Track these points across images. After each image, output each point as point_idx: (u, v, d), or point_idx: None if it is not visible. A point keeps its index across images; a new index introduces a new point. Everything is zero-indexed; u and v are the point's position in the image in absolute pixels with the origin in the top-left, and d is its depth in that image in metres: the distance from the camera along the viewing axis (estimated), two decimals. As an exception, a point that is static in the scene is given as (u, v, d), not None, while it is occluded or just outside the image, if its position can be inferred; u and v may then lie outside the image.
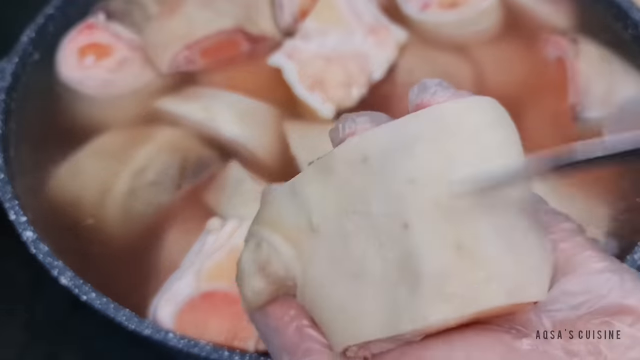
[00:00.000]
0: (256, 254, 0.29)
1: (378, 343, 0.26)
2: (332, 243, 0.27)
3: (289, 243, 0.28)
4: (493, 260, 0.25)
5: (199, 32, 0.62)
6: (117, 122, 0.60)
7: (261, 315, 0.30)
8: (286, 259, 0.28)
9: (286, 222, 0.28)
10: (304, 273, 0.28)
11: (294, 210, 0.28)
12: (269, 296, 0.29)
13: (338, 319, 0.27)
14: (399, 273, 0.25)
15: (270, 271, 0.28)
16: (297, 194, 0.28)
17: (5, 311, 0.59)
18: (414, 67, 0.63)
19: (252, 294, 0.29)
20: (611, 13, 0.65)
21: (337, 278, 0.27)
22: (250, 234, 0.30)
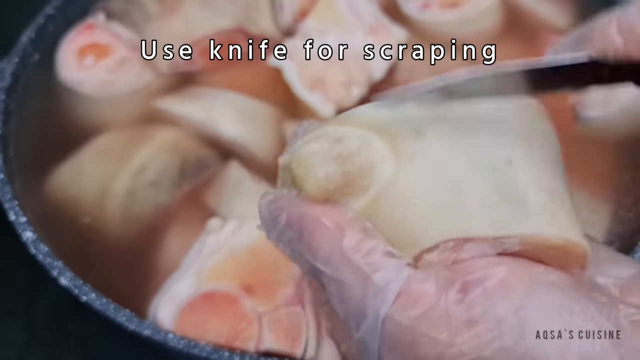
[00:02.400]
0: (335, 146, 0.29)
1: (476, 248, 0.27)
2: (436, 155, 0.28)
3: (385, 143, 0.29)
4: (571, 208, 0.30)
5: (199, 32, 0.62)
6: (116, 123, 0.60)
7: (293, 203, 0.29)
8: (380, 155, 0.28)
9: (385, 125, 0.29)
10: (395, 174, 0.28)
11: (395, 120, 0.29)
12: (335, 187, 0.29)
13: (433, 219, 0.27)
14: (501, 195, 0.28)
15: (355, 160, 0.28)
16: (398, 109, 0.30)
17: (5, 311, 0.59)
18: (414, 67, 0.63)
19: (325, 176, 0.29)
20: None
21: (436, 184, 0.28)
22: (320, 133, 0.30)
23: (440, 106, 0.30)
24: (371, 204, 0.28)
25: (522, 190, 0.28)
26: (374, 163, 0.28)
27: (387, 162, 0.28)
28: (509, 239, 0.27)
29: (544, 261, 0.28)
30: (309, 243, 0.28)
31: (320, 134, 0.30)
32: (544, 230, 0.27)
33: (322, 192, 0.29)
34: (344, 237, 0.27)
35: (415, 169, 0.28)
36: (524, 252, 0.28)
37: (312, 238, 0.28)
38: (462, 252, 0.27)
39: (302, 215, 0.29)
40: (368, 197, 0.28)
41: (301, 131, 0.32)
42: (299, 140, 0.31)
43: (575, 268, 0.28)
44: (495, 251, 0.27)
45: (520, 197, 0.28)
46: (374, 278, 0.26)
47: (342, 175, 0.29)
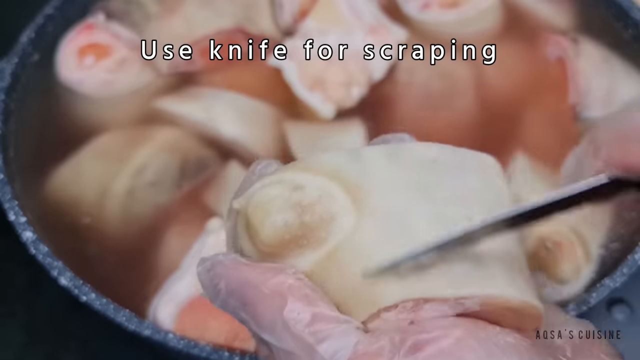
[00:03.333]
0: (296, 194, 0.28)
1: (436, 308, 0.27)
2: (398, 211, 0.28)
3: (346, 194, 0.28)
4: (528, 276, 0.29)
5: (199, 31, 0.62)
6: (116, 123, 0.60)
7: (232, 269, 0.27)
8: (340, 206, 0.28)
9: (345, 175, 0.28)
10: (355, 228, 0.27)
11: (356, 170, 0.29)
12: (291, 237, 0.27)
13: (393, 278, 0.27)
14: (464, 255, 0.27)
15: (315, 210, 0.27)
16: (360, 159, 0.29)
17: (4, 312, 0.59)
18: (414, 67, 0.63)
19: (283, 225, 0.27)
20: (612, 13, 0.65)
21: (397, 241, 0.27)
22: (279, 179, 0.29)
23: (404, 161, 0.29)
24: (327, 257, 0.27)
25: (482, 249, 0.28)
26: (334, 215, 0.27)
27: (348, 215, 0.27)
28: (470, 300, 0.27)
29: (500, 323, 0.27)
30: (251, 313, 0.27)
31: (279, 179, 0.29)
32: (505, 291, 0.27)
33: (278, 241, 0.28)
34: (285, 306, 0.26)
35: (376, 224, 0.27)
36: (481, 312, 0.27)
37: (254, 308, 0.27)
38: (421, 312, 0.26)
39: (242, 283, 0.27)
40: (325, 250, 0.27)
41: (259, 169, 0.31)
42: (256, 182, 0.30)
43: (530, 330, 0.28)
44: (455, 312, 0.26)
45: (480, 256, 0.28)
46: (320, 349, 0.25)
47: (301, 225, 0.27)
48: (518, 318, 0.28)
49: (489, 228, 0.28)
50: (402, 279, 0.26)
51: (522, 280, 0.28)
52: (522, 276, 0.29)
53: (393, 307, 0.26)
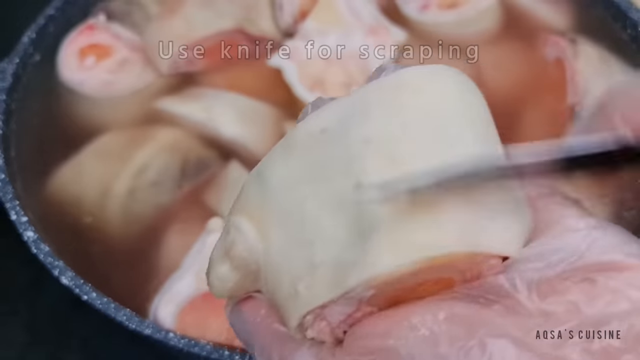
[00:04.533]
0: (224, 242, 0.28)
1: (334, 310, 0.25)
2: (291, 217, 0.26)
3: (251, 222, 0.27)
4: (448, 210, 0.23)
5: (199, 32, 0.62)
6: (117, 123, 0.60)
7: (237, 317, 0.29)
8: (249, 239, 0.27)
9: (251, 203, 0.28)
10: (265, 252, 0.27)
11: (258, 192, 0.27)
12: (235, 284, 0.28)
13: (292, 295, 0.25)
14: (351, 234, 0.24)
15: (234, 254, 0.27)
16: (261, 176, 0.27)
17: (6, 311, 0.59)
18: (413, 68, 0.63)
19: (218, 280, 0.28)
20: (610, 13, 0.65)
21: (294, 250, 0.25)
22: (224, 228, 0.29)
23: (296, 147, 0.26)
24: (265, 286, 0.27)
25: (371, 217, 0.23)
26: (249, 249, 0.27)
27: (258, 241, 0.27)
28: (353, 291, 0.24)
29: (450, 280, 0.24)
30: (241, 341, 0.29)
31: (223, 229, 0.29)
32: (382, 264, 0.23)
33: (227, 292, 0.28)
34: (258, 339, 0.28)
35: (278, 238, 0.26)
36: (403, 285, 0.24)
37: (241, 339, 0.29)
38: (328, 317, 0.25)
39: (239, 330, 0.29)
40: (262, 280, 0.27)
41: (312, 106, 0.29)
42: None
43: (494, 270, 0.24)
44: (355, 306, 0.25)
45: (368, 227, 0.23)
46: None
47: (233, 270, 0.28)
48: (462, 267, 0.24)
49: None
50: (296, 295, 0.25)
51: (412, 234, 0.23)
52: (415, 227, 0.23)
53: (303, 327, 0.26)
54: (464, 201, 0.23)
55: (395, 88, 0.25)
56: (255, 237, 0.27)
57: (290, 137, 0.27)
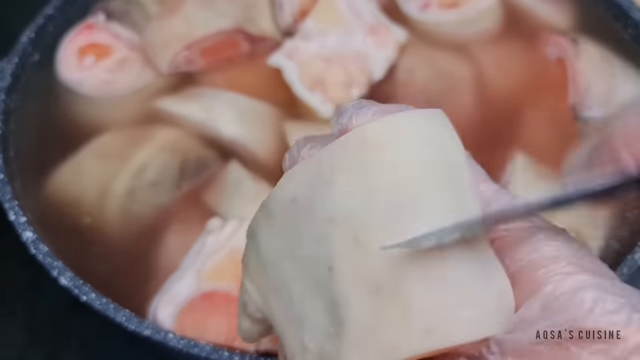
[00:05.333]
0: (241, 298, 0.31)
1: None
2: (281, 290, 0.26)
3: (253, 285, 0.29)
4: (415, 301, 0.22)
5: (199, 32, 0.62)
6: (116, 123, 0.60)
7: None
8: (257, 302, 0.29)
9: (250, 268, 0.29)
10: (270, 316, 0.29)
11: (255, 257, 0.28)
12: (259, 334, 0.31)
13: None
14: (329, 320, 0.24)
15: (248, 312, 0.30)
16: (254, 238, 0.28)
17: (5, 311, 0.59)
18: (414, 67, 0.63)
19: (243, 332, 0.31)
20: (611, 13, 0.65)
21: (289, 324, 0.26)
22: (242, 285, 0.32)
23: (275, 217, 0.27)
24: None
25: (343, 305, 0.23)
26: (260, 309, 0.29)
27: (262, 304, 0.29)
28: None
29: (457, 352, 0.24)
30: None
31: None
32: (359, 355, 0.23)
33: (256, 339, 0.31)
34: None
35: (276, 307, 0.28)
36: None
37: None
38: None
39: None
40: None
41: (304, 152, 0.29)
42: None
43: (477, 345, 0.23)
44: None
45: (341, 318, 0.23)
46: None
47: (255, 324, 0.30)
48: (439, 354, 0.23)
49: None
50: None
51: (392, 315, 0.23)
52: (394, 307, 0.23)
53: None
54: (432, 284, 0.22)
55: (359, 147, 0.24)
56: (258, 301, 0.29)
57: (268, 204, 0.27)
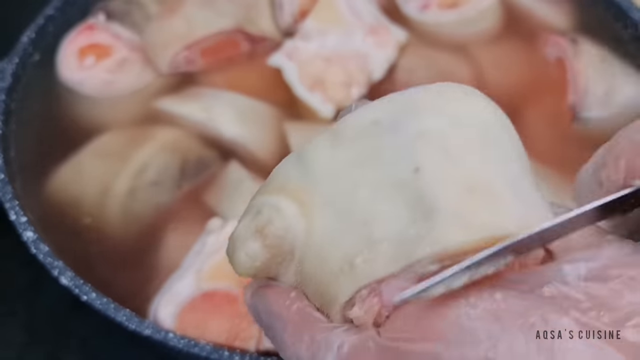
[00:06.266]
0: (254, 220, 0.29)
1: (391, 285, 0.26)
2: (340, 199, 0.27)
3: (292, 201, 0.28)
4: (504, 201, 0.25)
5: (199, 32, 0.62)
6: (117, 123, 0.60)
7: (260, 299, 0.29)
8: (289, 216, 0.28)
9: (291, 184, 0.28)
10: (308, 229, 0.27)
11: (300, 174, 0.28)
12: (262, 264, 0.29)
13: (345, 269, 0.26)
14: (412, 213, 0.25)
15: (269, 232, 0.28)
16: (303, 160, 0.28)
17: (5, 311, 0.59)
18: (414, 67, 0.63)
19: (247, 257, 0.29)
20: (611, 13, 0.65)
21: (345, 228, 0.26)
22: (249, 207, 0.30)
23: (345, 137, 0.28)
24: (300, 267, 0.28)
25: (433, 198, 0.25)
26: (287, 227, 0.28)
27: (299, 221, 0.28)
28: (418, 264, 0.25)
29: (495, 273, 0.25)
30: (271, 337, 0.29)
31: (248, 208, 0.30)
32: (451, 238, 0.25)
33: (254, 270, 0.29)
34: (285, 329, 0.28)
35: (324, 218, 0.27)
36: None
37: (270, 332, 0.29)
38: (383, 294, 0.26)
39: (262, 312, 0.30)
40: (296, 262, 0.28)
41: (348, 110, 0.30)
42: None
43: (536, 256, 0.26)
44: (414, 281, 0.25)
45: (431, 207, 0.25)
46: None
47: (264, 249, 0.28)
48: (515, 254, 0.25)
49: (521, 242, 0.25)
50: (352, 269, 0.26)
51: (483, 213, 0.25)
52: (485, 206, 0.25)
53: (352, 302, 0.26)
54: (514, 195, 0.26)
55: (440, 93, 0.28)
56: (295, 216, 0.28)
57: (338, 128, 0.28)
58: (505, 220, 0.25)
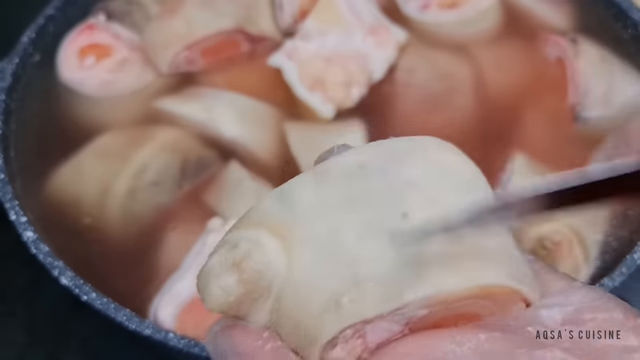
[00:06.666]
0: (230, 254, 0.28)
1: (378, 327, 0.25)
2: (324, 235, 0.27)
3: (273, 236, 0.27)
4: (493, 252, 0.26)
5: (199, 32, 0.62)
6: (117, 123, 0.60)
7: (227, 341, 0.28)
8: (270, 251, 0.27)
9: (271, 219, 0.28)
10: (289, 267, 0.27)
11: (281, 210, 0.28)
12: (236, 299, 0.27)
13: (330, 308, 0.26)
14: (400, 256, 0.26)
15: (246, 266, 0.27)
16: (284, 196, 0.28)
17: (5, 311, 0.59)
18: (414, 67, 0.63)
19: (221, 291, 0.27)
20: (611, 13, 0.65)
21: (330, 266, 0.26)
22: (224, 241, 0.29)
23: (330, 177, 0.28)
24: (277, 305, 0.27)
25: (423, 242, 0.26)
26: (267, 263, 0.27)
27: (280, 256, 0.27)
28: (408, 307, 0.25)
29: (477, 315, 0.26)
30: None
31: (223, 242, 0.29)
32: (443, 284, 0.25)
33: (225, 306, 0.28)
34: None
35: (305, 255, 0.27)
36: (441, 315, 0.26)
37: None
38: (366, 336, 0.26)
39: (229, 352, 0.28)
40: (273, 299, 0.27)
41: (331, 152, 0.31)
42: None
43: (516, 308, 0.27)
44: (401, 325, 0.25)
45: (420, 251, 0.25)
46: None
47: (240, 283, 0.27)
48: (494, 303, 0.26)
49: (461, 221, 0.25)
50: (337, 307, 0.25)
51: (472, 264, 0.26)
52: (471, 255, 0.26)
53: (335, 342, 0.26)
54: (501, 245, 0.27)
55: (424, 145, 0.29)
56: (276, 251, 0.27)
57: (323, 167, 0.28)
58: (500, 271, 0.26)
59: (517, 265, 0.27)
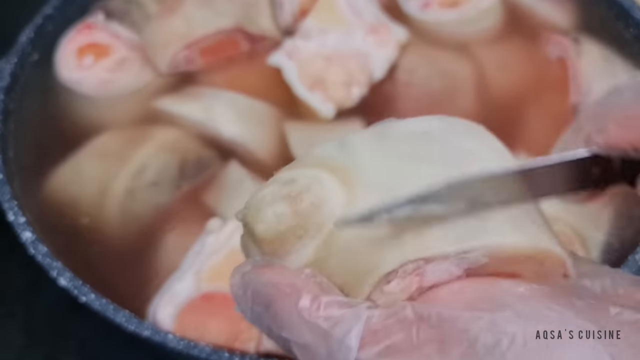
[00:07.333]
0: (286, 187, 0.28)
1: (437, 267, 0.26)
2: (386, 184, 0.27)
3: (334, 177, 0.28)
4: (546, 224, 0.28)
5: (198, 31, 0.62)
6: (116, 123, 0.60)
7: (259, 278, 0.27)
8: (330, 189, 0.27)
9: (334, 161, 0.28)
10: (347, 205, 0.27)
11: (343, 155, 0.29)
12: (286, 229, 0.27)
13: (389, 241, 0.26)
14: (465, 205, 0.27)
15: (305, 197, 0.27)
16: (346, 145, 0.29)
17: (4, 312, 0.59)
18: (414, 67, 0.63)
19: (275, 217, 0.27)
20: (613, 12, 0.65)
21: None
22: (274, 180, 0.29)
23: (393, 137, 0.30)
24: (325, 242, 0.27)
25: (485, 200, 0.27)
26: (324, 199, 0.27)
27: (338, 196, 0.27)
28: (473, 252, 0.26)
29: (520, 275, 0.27)
30: (273, 314, 0.27)
31: (272, 180, 0.29)
32: (512, 239, 0.26)
33: (274, 234, 0.28)
34: (300, 299, 0.26)
35: (365, 198, 0.27)
36: (494, 267, 0.26)
37: (275, 307, 0.27)
38: (425, 275, 0.26)
39: (263, 286, 0.27)
40: (323, 235, 0.27)
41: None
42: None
43: (557, 277, 0.27)
44: (461, 268, 0.26)
45: (484, 207, 0.27)
46: (334, 333, 0.25)
47: (293, 214, 0.27)
48: (539, 266, 0.27)
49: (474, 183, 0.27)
50: (400, 242, 0.26)
51: (534, 228, 0.27)
52: (534, 224, 0.28)
53: (393, 274, 0.26)
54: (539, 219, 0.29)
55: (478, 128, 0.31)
56: (336, 190, 0.28)
57: (386, 129, 0.30)
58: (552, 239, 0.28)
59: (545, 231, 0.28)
